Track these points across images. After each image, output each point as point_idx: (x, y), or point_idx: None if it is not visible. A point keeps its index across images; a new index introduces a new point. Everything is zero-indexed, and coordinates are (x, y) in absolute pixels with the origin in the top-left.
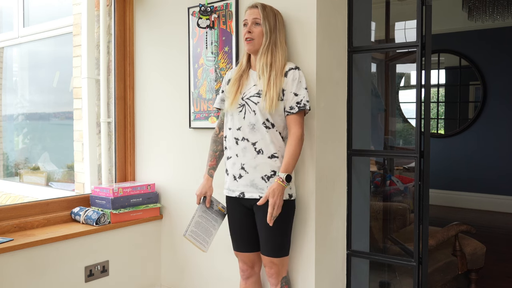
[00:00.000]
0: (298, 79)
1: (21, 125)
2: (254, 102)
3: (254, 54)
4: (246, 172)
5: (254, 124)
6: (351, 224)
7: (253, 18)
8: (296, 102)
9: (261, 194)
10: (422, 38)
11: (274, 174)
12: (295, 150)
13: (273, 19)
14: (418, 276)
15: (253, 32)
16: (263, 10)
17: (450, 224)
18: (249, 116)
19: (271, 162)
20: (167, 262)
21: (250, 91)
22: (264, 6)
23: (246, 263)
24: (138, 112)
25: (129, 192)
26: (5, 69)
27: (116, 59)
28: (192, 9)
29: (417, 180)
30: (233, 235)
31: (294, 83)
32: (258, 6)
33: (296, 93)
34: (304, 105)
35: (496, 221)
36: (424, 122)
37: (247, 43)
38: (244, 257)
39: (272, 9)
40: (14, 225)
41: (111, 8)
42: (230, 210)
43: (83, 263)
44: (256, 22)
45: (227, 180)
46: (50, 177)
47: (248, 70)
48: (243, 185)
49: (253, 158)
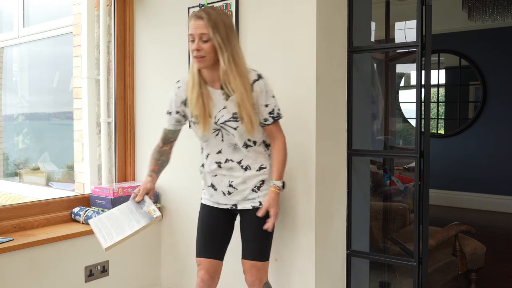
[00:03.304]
0: (264, 89)
1: (21, 125)
2: (233, 127)
3: (207, 68)
4: (235, 189)
5: (235, 145)
6: (351, 224)
7: (200, 34)
8: (268, 112)
9: (253, 203)
10: (422, 38)
11: (263, 183)
12: (284, 157)
13: (222, 27)
14: (418, 276)
15: (202, 50)
16: (209, 21)
17: (450, 224)
18: (228, 137)
19: (259, 173)
20: (167, 262)
21: (222, 115)
22: (210, 15)
23: (209, 272)
24: (138, 112)
25: (129, 192)
26: (5, 69)
27: (116, 59)
28: (192, 9)
29: (417, 180)
30: (202, 240)
31: (262, 95)
32: (203, 18)
33: (266, 104)
34: (278, 115)
35: (496, 221)
36: (424, 122)
37: (198, 61)
38: (209, 264)
39: (220, 15)
40: (14, 225)
41: (111, 8)
42: (206, 216)
43: (83, 263)
44: (203, 38)
45: (213, 193)
46: (50, 177)
47: (206, 85)
48: (235, 200)
49: (241, 175)
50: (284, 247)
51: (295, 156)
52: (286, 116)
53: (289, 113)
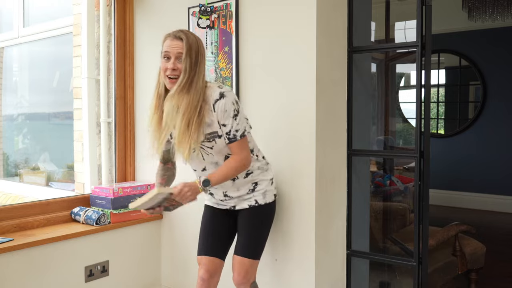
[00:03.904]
0: (224, 108)
1: (21, 125)
2: (209, 147)
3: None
4: (230, 198)
5: (217, 162)
6: (351, 224)
7: (177, 53)
8: (225, 133)
9: (249, 202)
10: (422, 38)
11: (256, 184)
12: (228, 171)
13: (195, 53)
14: (418, 276)
15: (177, 69)
16: (187, 43)
17: (450, 224)
18: (208, 157)
19: (248, 180)
20: (167, 262)
21: None
22: (188, 37)
23: (209, 271)
24: (138, 112)
25: (129, 192)
26: (5, 69)
27: (116, 59)
28: (192, 9)
29: (417, 180)
30: (203, 239)
31: (221, 114)
32: (182, 39)
33: (224, 124)
34: (234, 136)
35: (496, 221)
36: (424, 122)
37: (171, 81)
38: (209, 263)
39: (196, 39)
40: (14, 225)
41: (111, 8)
42: (208, 215)
43: (83, 263)
44: (180, 58)
45: (212, 198)
46: (50, 177)
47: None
48: (233, 202)
49: (232, 185)
50: (284, 247)
51: (295, 156)
52: (286, 116)
53: (289, 113)
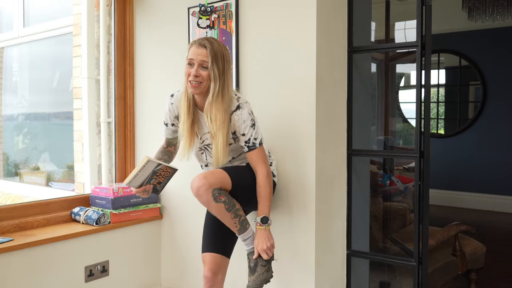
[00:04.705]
0: (242, 118)
1: (21, 125)
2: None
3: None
4: None
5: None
6: (351, 224)
7: (201, 60)
8: (244, 141)
9: None
10: (422, 38)
11: None
12: (265, 192)
13: (221, 60)
14: (418, 276)
15: (200, 76)
16: (211, 51)
17: (450, 224)
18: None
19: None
20: (167, 262)
21: (206, 138)
22: (213, 45)
23: (212, 269)
24: (138, 112)
25: (129, 192)
26: (5, 69)
27: (116, 59)
28: (192, 9)
29: (417, 180)
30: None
31: (238, 124)
32: (206, 47)
33: (243, 133)
34: (253, 144)
35: (497, 221)
36: (424, 122)
37: (193, 86)
38: (212, 259)
39: (221, 47)
40: (14, 225)
41: (111, 8)
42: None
43: (83, 263)
44: (203, 65)
45: None
46: (50, 177)
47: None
48: None
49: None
50: (284, 247)
51: (295, 156)
52: (286, 116)
53: (289, 113)
